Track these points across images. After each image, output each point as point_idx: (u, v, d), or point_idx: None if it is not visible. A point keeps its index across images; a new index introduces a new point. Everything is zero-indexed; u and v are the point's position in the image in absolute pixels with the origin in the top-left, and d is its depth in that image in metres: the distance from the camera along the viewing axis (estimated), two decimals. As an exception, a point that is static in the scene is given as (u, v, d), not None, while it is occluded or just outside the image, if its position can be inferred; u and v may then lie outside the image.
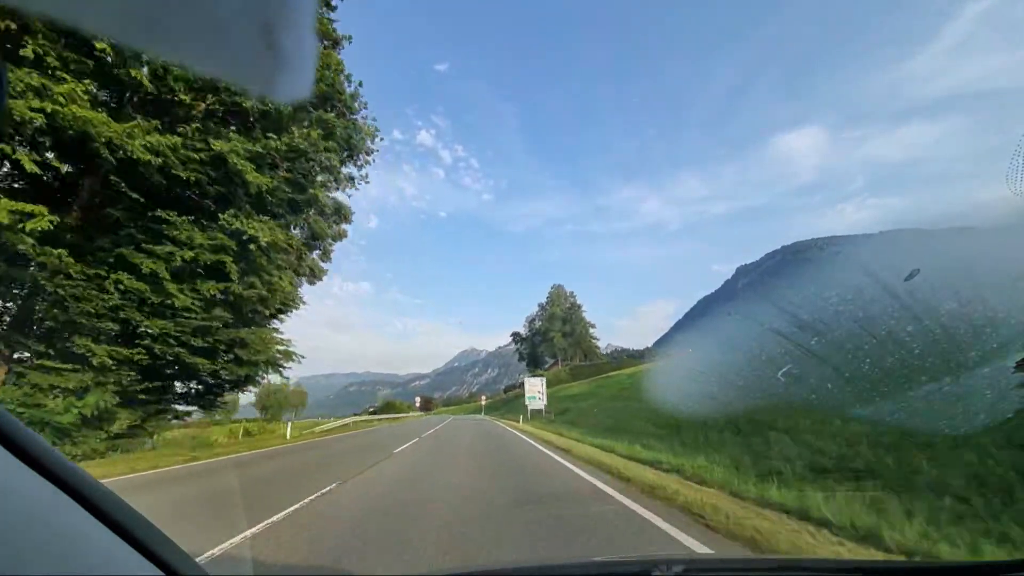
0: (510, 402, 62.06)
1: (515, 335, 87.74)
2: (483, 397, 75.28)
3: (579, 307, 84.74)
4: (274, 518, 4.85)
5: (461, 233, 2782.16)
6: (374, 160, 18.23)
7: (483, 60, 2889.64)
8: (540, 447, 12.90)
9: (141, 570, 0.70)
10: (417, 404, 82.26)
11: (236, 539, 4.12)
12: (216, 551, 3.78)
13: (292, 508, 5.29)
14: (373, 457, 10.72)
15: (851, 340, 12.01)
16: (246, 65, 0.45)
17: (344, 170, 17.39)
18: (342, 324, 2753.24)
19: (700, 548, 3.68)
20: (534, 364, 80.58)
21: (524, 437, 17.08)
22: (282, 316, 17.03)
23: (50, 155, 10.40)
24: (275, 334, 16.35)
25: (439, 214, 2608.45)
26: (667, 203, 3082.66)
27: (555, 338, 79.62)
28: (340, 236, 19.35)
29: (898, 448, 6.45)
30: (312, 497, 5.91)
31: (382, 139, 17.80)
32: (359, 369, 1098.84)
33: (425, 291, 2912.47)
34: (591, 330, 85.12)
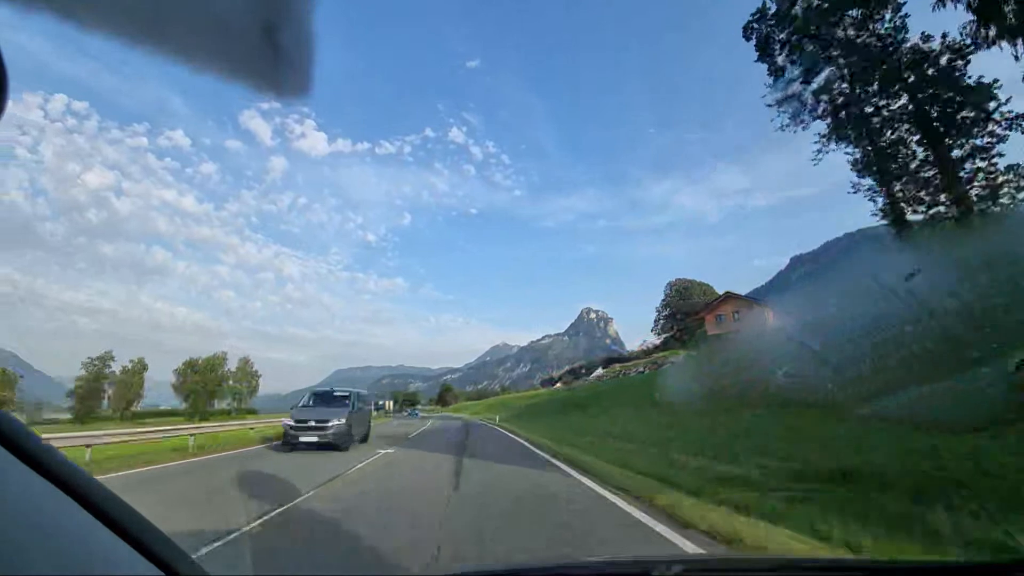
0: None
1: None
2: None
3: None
4: None
5: (492, 229, 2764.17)
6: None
7: (514, 55, 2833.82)
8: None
9: (141, 570, 0.70)
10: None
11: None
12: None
13: None
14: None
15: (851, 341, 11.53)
16: (247, 65, 0.46)
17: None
18: (378, 319, 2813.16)
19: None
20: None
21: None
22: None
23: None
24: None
25: (470, 211, 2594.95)
26: (705, 196, 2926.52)
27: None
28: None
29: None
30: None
31: None
32: (393, 363, 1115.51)
33: (457, 287, 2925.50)
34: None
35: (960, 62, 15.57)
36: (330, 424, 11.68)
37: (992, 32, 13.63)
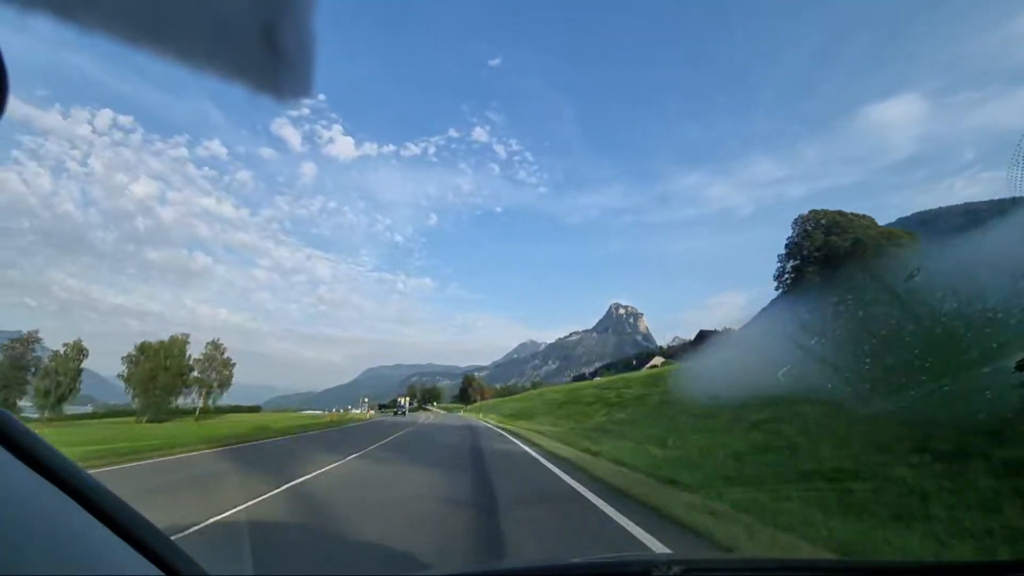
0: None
1: None
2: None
3: None
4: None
5: (517, 227, 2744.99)
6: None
7: (536, 51, 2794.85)
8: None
9: (141, 570, 0.69)
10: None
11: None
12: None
13: None
14: None
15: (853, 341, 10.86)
16: (247, 65, 0.46)
17: None
18: (407, 319, 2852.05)
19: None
20: None
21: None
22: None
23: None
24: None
25: (495, 209, 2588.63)
26: (736, 188, 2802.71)
27: None
28: None
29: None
30: None
31: None
32: (422, 361, 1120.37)
33: (483, 285, 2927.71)
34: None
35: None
36: None
37: None
